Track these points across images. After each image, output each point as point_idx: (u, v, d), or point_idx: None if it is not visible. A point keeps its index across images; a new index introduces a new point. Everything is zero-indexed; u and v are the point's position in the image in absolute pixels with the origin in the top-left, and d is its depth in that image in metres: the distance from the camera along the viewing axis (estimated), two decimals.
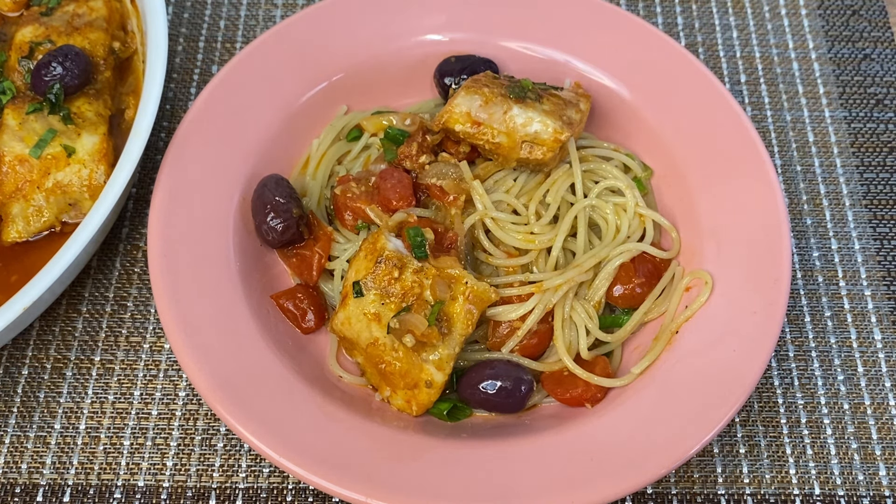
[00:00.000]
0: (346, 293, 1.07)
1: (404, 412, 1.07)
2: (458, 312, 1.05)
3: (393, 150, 1.20)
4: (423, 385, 1.04)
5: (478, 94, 1.16)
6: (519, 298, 1.10)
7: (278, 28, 1.28)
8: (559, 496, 0.96)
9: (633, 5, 1.50)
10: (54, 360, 1.18)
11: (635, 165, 1.23)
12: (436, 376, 1.04)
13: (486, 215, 1.13)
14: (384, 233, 1.08)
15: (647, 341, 1.12)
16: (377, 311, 1.04)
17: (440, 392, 1.06)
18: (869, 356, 1.19)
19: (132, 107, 1.24)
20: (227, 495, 1.09)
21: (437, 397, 1.06)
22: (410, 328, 1.03)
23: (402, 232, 1.10)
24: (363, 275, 1.06)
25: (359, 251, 1.09)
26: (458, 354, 1.06)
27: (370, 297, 1.05)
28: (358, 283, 1.05)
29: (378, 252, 1.06)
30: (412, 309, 1.03)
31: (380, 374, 1.06)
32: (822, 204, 1.31)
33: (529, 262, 1.13)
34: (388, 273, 1.05)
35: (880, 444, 1.13)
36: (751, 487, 1.10)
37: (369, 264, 1.06)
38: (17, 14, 1.29)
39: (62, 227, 1.15)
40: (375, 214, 1.13)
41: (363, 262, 1.07)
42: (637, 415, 1.03)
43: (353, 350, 1.09)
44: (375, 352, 1.05)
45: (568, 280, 1.10)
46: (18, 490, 1.09)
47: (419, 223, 1.10)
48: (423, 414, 1.07)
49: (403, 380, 1.05)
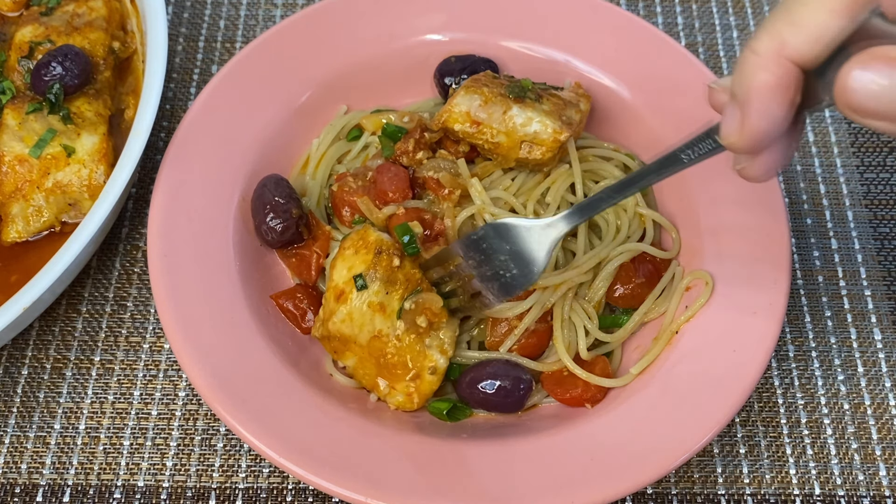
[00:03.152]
0: (342, 290, 1.06)
1: (403, 408, 1.07)
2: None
3: (390, 147, 1.20)
4: (426, 373, 1.04)
5: (477, 93, 1.16)
6: (517, 297, 1.10)
7: (278, 28, 1.28)
8: (559, 496, 0.96)
9: (633, 5, 1.50)
10: (54, 360, 1.18)
11: (635, 165, 1.23)
12: (439, 361, 1.05)
13: (483, 210, 1.13)
14: (371, 227, 1.08)
15: (647, 341, 1.12)
16: (381, 302, 1.04)
17: (441, 379, 1.06)
18: (869, 356, 1.19)
19: (132, 107, 1.24)
20: (226, 495, 1.09)
21: (438, 385, 1.06)
22: (428, 306, 1.03)
23: (389, 227, 1.10)
24: (362, 268, 1.06)
25: (343, 249, 1.08)
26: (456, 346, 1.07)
27: (374, 287, 1.05)
28: (361, 276, 1.05)
29: (374, 244, 1.06)
30: None
31: (379, 369, 1.06)
32: (822, 204, 1.31)
33: None
34: (389, 262, 1.05)
35: (880, 444, 1.13)
36: (751, 487, 1.10)
37: (366, 257, 1.06)
38: (16, 14, 1.29)
39: (62, 227, 1.15)
40: (366, 207, 1.13)
41: (356, 258, 1.07)
42: (637, 415, 1.03)
43: (347, 351, 1.08)
44: (378, 345, 1.05)
45: (566, 280, 1.10)
46: (18, 490, 1.09)
47: (409, 214, 1.10)
48: (422, 407, 1.07)
49: (406, 371, 1.05)
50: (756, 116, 0.77)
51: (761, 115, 0.76)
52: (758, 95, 0.76)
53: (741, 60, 0.78)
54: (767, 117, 0.76)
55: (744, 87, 0.77)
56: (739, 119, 0.78)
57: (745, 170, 0.84)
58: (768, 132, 0.77)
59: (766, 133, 0.77)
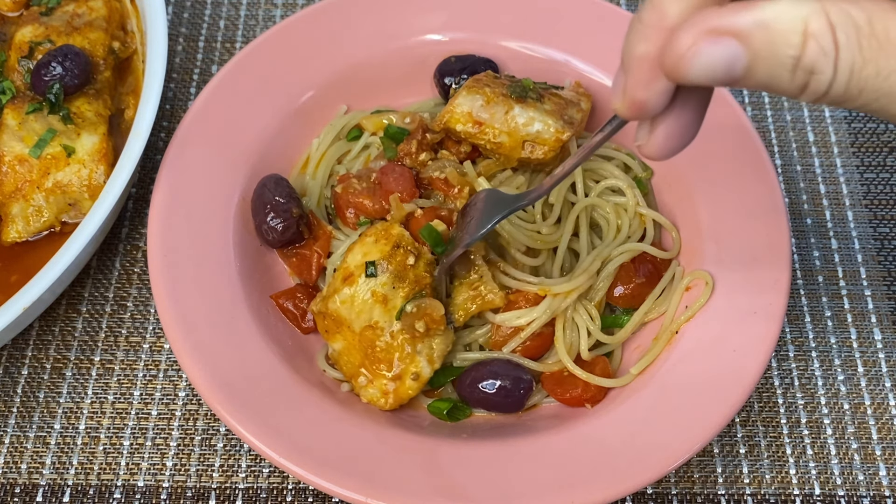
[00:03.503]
0: (351, 272, 1.06)
1: (374, 405, 1.06)
2: (459, 304, 1.08)
3: (393, 148, 1.20)
4: (407, 377, 1.04)
5: (479, 93, 1.16)
6: (526, 300, 1.10)
7: (278, 28, 1.28)
8: (559, 496, 0.96)
9: (633, 5, 1.50)
10: (54, 360, 1.18)
11: (636, 165, 1.23)
12: (424, 370, 1.05)
13: None
14: (397, 223, 1.09)
15: (648, 341, 1.12)
16: (386, 294, 1.04)
17: (421, 388, 1.06)
18: (869, 356, 1.19)
19: (132, 107, 1.24)
20: (226, 495, 1.09)
21: (416, 394, 1.06)
22: (429, 312, 1.03)
23: (411, 229, 1.10)
24: (377, 257, 1.06)
25: (365, 236, 1.08)
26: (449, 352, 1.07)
27: (383, 278, 1.05)
28: (373, 264, 1.05)
29: (395, 238, 1.06)
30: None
31: (363, 360, 1.06)
32: (822, 204, 1.31)
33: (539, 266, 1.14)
34: (405, 259, 1.05)
35: (880, 444, 1.13)
36: (751, 487, 1.10)
37: (384, 248, 1.06)
38: (16, 14, 1.29)
39: (62, 227, 1.15)
40: (395, 204, 1.12)
41: (375, 246, 1.06)
42: (637, 415, 1.03)
43: (338, 333, 1.08)
44: (371, 335, 1.05)
45: (577, 287, 1.10)
46: (18, 490, 1.09)
47: (428, 214, 1.11)
48: (396, 409, 1.07)
49: (390, 369, 1.05)
50: (635, 86, 0.74)
51: (641, 85, 0.74)
52: (637, 66, 0.73)
53: (628, 28, 0.75)
54: (647, 89, 0.73)
55: (627, 56, 0.74)
56: (622, 87, 0.76)
57: (643, 147, 0.80)
58: (649, 102, 0.74)
59: (647, 103, 0.74)
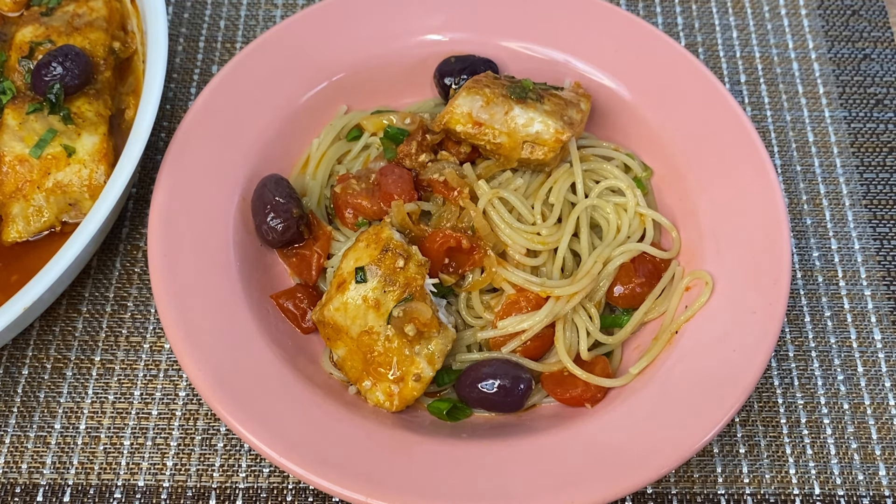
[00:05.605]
0: (344, 279, 1.07)
1: (380, 407, 1.07)
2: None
3: (393, 149, 1.20)
4: (410, 379, 1.04)
5: (479, 94, 1.16)
6: (527, 301, 1.10)
7: (278, 28, 1.28)
8: (559, 496, 0.96)
9: (633, 5, 1.50)
10: (54, 360, 1.18)
11: (635, 165, 1.23)
12: (425, 371, 1.04)
13: (497, 194, 1.13)
14: (388, 225, 1.09)
15: (647, 341, 1.12)
16: (377, 299, 1.05)
17: (425, 388, 1.06)
18: (869, 356, 1.19)
19: (132, 107, 1.24)
20: (227, 495, 1.09)
21: (421, 394, 1.06)
22: (416, 315, 1.03)
23: (425, 246, 1.10)
24: (367, 262, 1.06)
25: (358, 241, 1.09)
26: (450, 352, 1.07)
27: (373, 283, 1.05)
28: (362, 269, 1.05)
29: (384, 241, 1.06)
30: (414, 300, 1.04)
31: (366, 364, 1.06)
32: (822, 204, 1.31)
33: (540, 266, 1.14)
34: (393, 262, 1.05)
35: (880, 444, 1.13)
36: (751, 487, 1.10)
37: (373, 252, 1.06)
38: (17, 14, 1.29)
39: (62, 227, 1.15)
40: (396, 206, 1.12)
41: (366, 251, 1.07)
42: (637, 415, 1.03)
43: (339, 340, 1.08)
44: (368, 340, 1.05)
45: (582, 290, 1.10)
46: (18, 490, 1.09)
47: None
48: (402, 410, 1.07)
49: (391, 372, 1.05)
50: None
51: None
52: None
53: None
54: None
55: None
56: None
57: None
58: None
59: None
